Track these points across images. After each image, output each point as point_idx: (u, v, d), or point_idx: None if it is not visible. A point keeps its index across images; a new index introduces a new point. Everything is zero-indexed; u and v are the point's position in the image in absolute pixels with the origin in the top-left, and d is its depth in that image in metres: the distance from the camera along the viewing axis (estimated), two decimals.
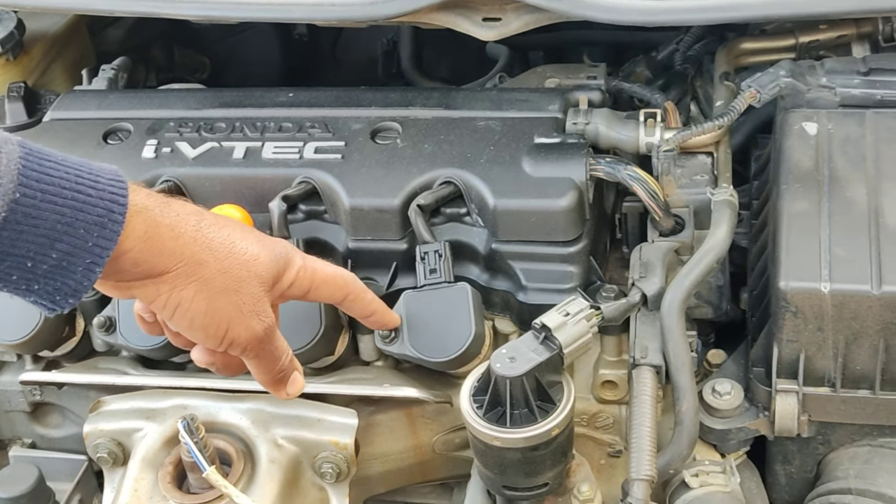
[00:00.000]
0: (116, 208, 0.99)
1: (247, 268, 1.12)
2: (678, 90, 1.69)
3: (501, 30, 1.47)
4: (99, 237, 0.97)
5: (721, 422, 1.36)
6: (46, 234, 0.95)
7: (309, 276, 1.20)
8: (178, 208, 1.08)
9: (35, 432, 1.62)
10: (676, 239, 1.42)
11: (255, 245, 1.14)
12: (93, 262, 0.98)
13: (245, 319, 1.13)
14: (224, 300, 1.10)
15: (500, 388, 1.18)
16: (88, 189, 0.97)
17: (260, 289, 1.13)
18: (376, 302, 1.31)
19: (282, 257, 1.17)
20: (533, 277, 1.39)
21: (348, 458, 1.36)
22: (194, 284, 1.08)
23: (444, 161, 1.43)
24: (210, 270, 1.08)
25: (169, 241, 1.05)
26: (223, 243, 1.10)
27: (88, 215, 0.97)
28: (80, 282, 0.99)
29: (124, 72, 1.80)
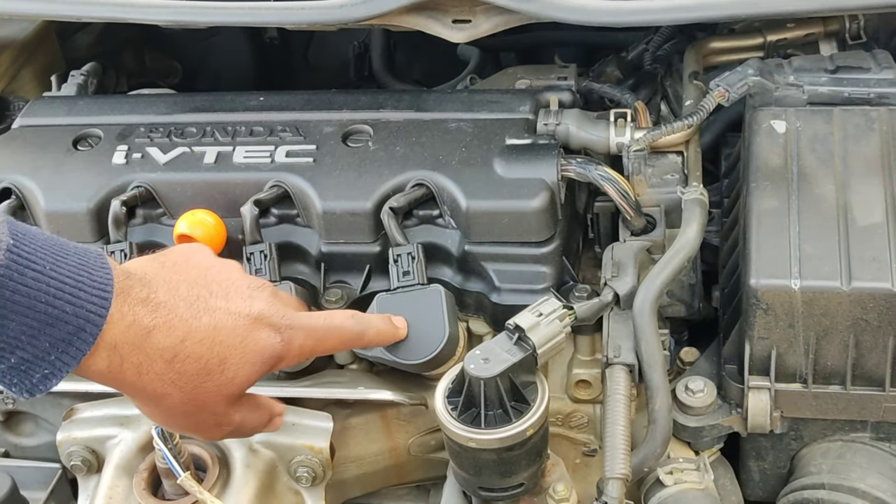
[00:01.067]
0: (89, 329, 0.96)
1: (215, 393, 1.08)
2: (648, 90, 1.70)
3: (471, 31, 1.47)
4: (63, 353, 0.95)
5: (694, 419, 1.37)
6: (8, 341, 0.93)
7: (305, 355, 1.17)
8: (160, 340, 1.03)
9: (8, 441, 1.61)
10: (648, 238, 1.43)
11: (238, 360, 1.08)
12: (51, 374, 0.96)
13: (204, 433, 1.14)
14: (183, 420, 1.11)
15: (475, 390, 1.19)
16: (65, 305, 0.95)
17: (225, 407, 1.11)
18: (380, 328, 1.27)
19: (273, 358, 1.11)
20: (506, 278, 1.39)
21: (324, 461, 1.36)
22: (153, 408, 1.09)
23: (416, 163, 1.43)
24: (172, 401, 1.06)
25: (131, 377, 1.02)
26: (196, 372, 1.06)
27: (57, 331, 0.95)
28: (36, 385, 0.97)
29: (94, 77, 1.80)
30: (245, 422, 1.16)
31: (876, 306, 1.24)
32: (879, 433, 1.34)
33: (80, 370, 0.99)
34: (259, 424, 1.19)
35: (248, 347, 1.09)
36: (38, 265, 0.95)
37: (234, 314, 1.09)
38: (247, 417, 1.16)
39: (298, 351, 1.14)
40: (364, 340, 1.24)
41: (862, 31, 1.61)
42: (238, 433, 1.18)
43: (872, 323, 1.25)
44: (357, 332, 1.23)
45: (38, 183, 1.48)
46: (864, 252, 1.26)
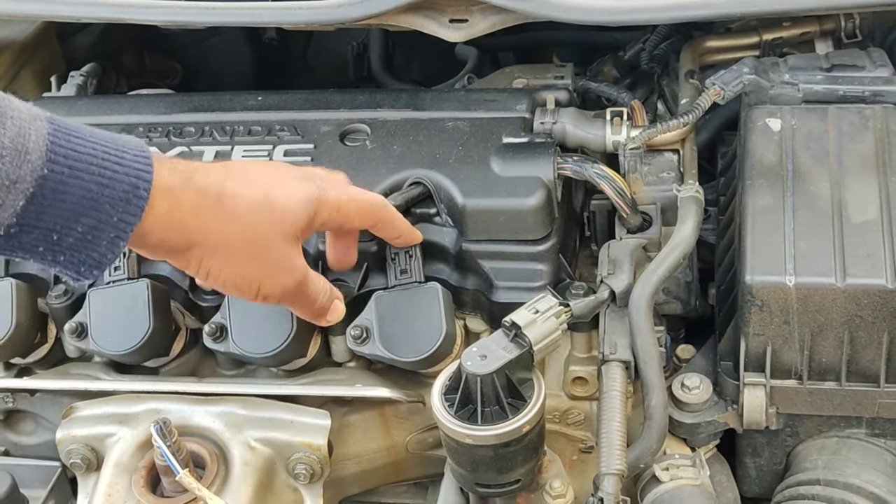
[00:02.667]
0: (141, 184, 1.00)
1: (272, 227, 1.14)
2: (645, 89, 1.70)
3: (468, 31, 1.48)
4: (124, 212, 0.99)
5: (690, 416, 1.37)
6: (72, 208, 0.96)
7: (342, 214, 1.22)
8: (201, 180, 1.09)
9: (8, 440, 1.61)
10: (644, 236, 1.44)
11: (283, 196, 1.15)
12: (117, 237, 1.00)
13: (274, 277, 1.17)
14: (251, 266, 1.14)
15: (471, 386, 1.19)
16: (114, 165, 0.99)
17: (287, 245, 1.15)
18: (403, 223, 1.33)
19: (312, 201, 1.17)
20: (503, 276, 1.40)
21: (322, 459, 1.36)
22: (219, 255, 1.11)
23: (414, 162, 1.43)
24: (233, 241, 1.11)
25: (190, 219, 1.07)
26: (247, 208, 1.11)
27: (114, 191, 0.98)
28: (105, 254, 1.00)
29: (93, 78, 1.80)
30: (311, 276, 1.21)
31: (870, 303, 1.25)
32: (874, 429, 1.35)
33: (143, 226, 1.02)
34: (324, 287, 1.24)
35: (288, 188, 1.15)
36: (79, 133, 0.99)
37: (267, 166, 1.19)
38: (311, 274, 1.21)
39: (335, 202, 1.20)
40: (388, 220, 1.29)
41: (857, 30, 1.61)
42: (307, 292, 1.22)
43: (867, 319, 1.26)
44: (385, 211, 1.28)
45: None
46: (858, 249, 1.27)
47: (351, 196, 1.24)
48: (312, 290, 1.23)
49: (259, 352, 1.37)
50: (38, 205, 0.94)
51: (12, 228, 0.94)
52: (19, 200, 0.93)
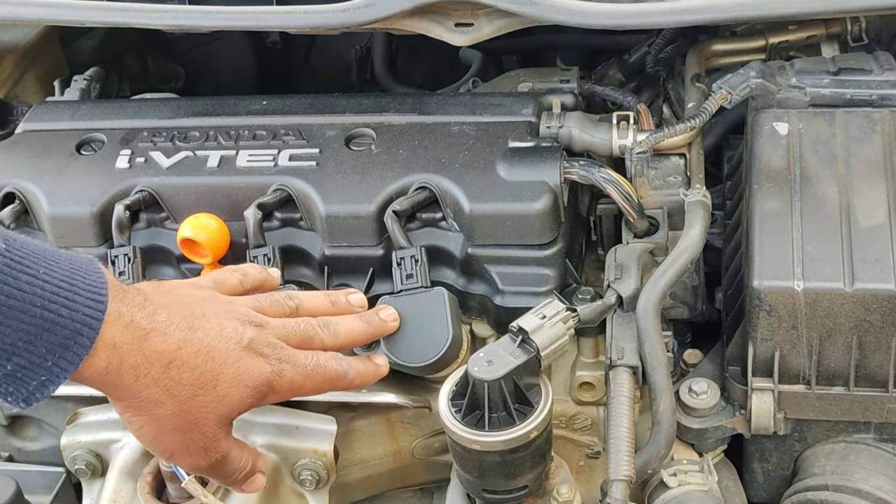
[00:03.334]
0: (86, 332, 0.97)
1: (207, 409, 1.09)
2: (650, 92, 1.70)
3: (474, 35, 1.47)
4: (60, 358, 0.95)
5: (698, 421, 1.37)
6: (5, 347, 0.93)
7: (293, 392, 1.18)
8: (157, 343, 1.04)
9: (12, 445, 1.61)
10: (651, 240, 1.43)
11: (231, 377, 1.10)
12: (48, 381, 0.96)
13: (190, 456, 1.13)
14: (172, 437, 1.10)
15: (478, 392, 1.19)
16: (61, 308, 0.95)
17: (216, 427, 1.12)
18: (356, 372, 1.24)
19: (262, 387, 1.13)
20: (509, 281, 1.39)
21: (328, 464, 1.36)
22: (145, 418, 1.08)
23: (419, 166, 1.43)
24: (164, 411, 1.07)
25: (128, 380, 1.03)
26: (192, 384, 1.07)
27: (54, 336, 0.95)
28: (33, 393, 0.97)
29: (97, 82, 1.80)
30: (231, 456, 1.16)
31: (879, 307, 1.24)
32: (883, 434, 1.34)
33: (78, 374, 0.99)
34: (243, 466, 1.19)
35: (240, 369, 1.10)
36: (31, 269, 0.95)
37: (227, 338, 1.10)
38: (233, 452, 1.16)
39: (289, 385, 1.15)
40: (345, 381, 1.23)
41: (864, 33, 1.61)
42: (221, 469, 1.17)
43: (875, 324, 1.25)
44: (339, 372, 1.21)
45: (41, 187, 1.48)
46: (866, 253, 1.26)
47: (306, 374, 1.17)
48: (229, 469, 1.18)
49: None
50: None
51: None
52: None
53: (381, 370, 1.28)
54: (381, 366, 1.28)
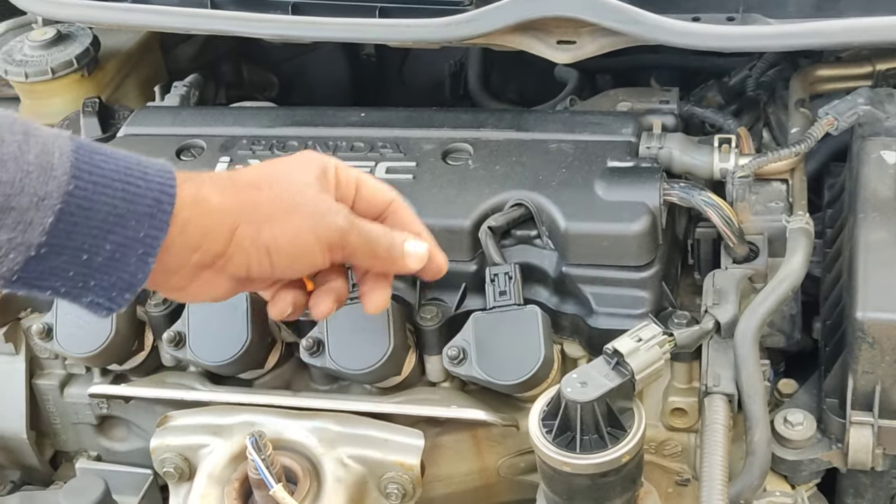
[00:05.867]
0: (165, 198, 1.00)
1: (291, 183, 1.11)
2: (751, 116, 1.67)
3: (576, 53, 1.46)
4: (150, 227, 0.98)
5: (793, 452, 1.34)
6: (100, 225, 0.96)
7: (352, 176, 1.17)
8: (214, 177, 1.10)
9: (101, 445, 1.63)
10: (750, 266, 1.41)
11: (284, 169, 1.13)
12: (145, 253, 0.99)
13: (324, 224, 1.10)
14: (296, 221, 1.09)
15: (571, 413, 1.18)
16: (138, 181, 0.98)
17: (316, 190, 1.11)
18: (422, 226, 1.22)
19: (313, 164, 1.14)
20: (604, 302, 1.37)
21: (414, 479, 1.35)
22: (265, 225, 1.07)
23: (516, 183, 1.42)
24: (266, 207, 1.08)
25: (217, 201, 1.05)
26: (261, 176, 1.10)
27: (139, 206, 0.98)
28: (135, 274, 0.99)
29: (196, 89, 1.82)
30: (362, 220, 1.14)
31: None
32: None
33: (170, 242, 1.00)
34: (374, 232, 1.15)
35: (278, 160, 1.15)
36: (101, 151, 0.99)
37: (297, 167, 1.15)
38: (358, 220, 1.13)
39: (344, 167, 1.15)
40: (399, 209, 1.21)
41: None
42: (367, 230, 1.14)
43: None
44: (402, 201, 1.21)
45: None
46: None
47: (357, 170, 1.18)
48: (369, 230, 1.14)
49: (355, 368, 1.37)
50: (66, 222, 0.94)
51: (42, 249, 0.94)
52: (48, 217, 0.92)
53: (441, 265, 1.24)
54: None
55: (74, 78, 1.77)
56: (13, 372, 1.60)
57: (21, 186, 0.91)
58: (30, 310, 1.59)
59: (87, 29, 1.79)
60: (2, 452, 1.62)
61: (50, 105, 1.78)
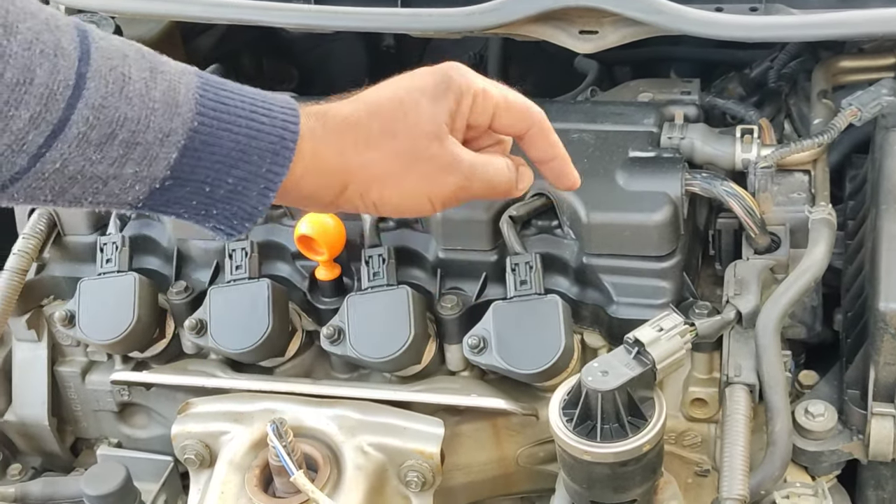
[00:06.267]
0: (288, 135, 1.00)
1: (412, 137, 1.06)
2: (772, 108, 1.67)
3: (598, 43, 1.46)
4: (272, 163, 0.99)
5: (814, 444, 1.34)
6: (223, 160, 0.97)
7: (490, 103, 1.11)
8: (337, 114, 1.05)
9: (121, 432, 1.64)
10: (772, 257, 1.41)
11: (413, 100, 1.07)
12: (266, 188, 1.00)
13: (439, 184, 1.09)
14: (410, 182, 1.08)
15: (592, 402, 1.18)
16: (262, 118, 0.99)
17: (434, 146, 1.07)
18: (560, 148, 1.18)
19: (447, 91, 1.08)
20: (624, 292, 1.37)
21: (434, 467, 1.36)
22: (374, 185, 1.07)
23: (537, 173, 1.42)
24: (380, 165, 1.07)
25: (335, 158, 1.04)
26: (382, 131, 1.06)
27: (262, 142, 0.98)
28: (255, 206, 1.00)
29: None
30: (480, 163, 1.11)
31: None
32: None
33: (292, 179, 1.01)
34: (503, 167, 1.13)
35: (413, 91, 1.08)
36: (227, 87, 0.99)
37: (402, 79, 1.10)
38: (481, 159, 1.11)
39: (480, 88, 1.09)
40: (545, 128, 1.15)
41: None
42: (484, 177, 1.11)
43: None
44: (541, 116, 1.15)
45: None
46: None
47: (502, 93, 1.12)
48: (490, 173, 1.12)
49: (376, 356, 1.37)
50: (191, 157, 0.95)
51: (167, 182, 0.95)
52: (172, 153, 0.94)
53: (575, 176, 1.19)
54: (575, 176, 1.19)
55: None
56: (35, 359, 1.61)
57: (147, 123, 0.92)
58: (52, 297, 1.61)
59: (109, 18, 1.79)
60: (23, 439, 1.63)
61: None
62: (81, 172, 0.92)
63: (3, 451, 1.63)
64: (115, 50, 0.92)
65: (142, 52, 0.95)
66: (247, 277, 1.43)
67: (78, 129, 0.89)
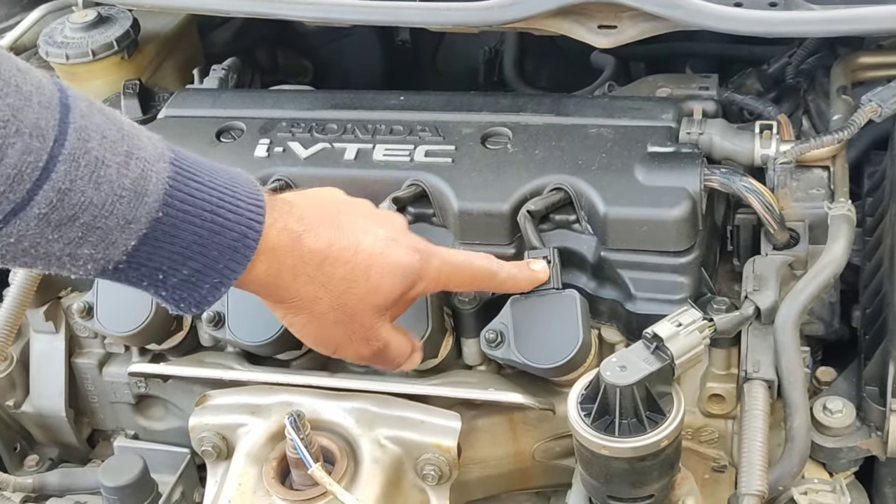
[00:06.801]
0: (251, 234, 1.01)
1: (363, 301, 1.14)
2: (790, 104, 1.66)
3: (616, 37, 1.46)
4: (230, 260, 1.00)
5: (832, 440, 1.33)
6: (181, 251, 0.97)
7: (441, 283, 1.22)
8: (309, 243, 1.09)
9: (138, 424, 1.64)
10: (791, 253, 1.40)
11: (381, 266, 1.14)
12: (220, 282, 1.01)
13: (353, 345, 1.18)
14: (333, 330, 1.15)
15: (610, 397, 1.17)
16: (228, 213, 1.00)
17: (374, 318, 1.16)
18: (510, 277, 1.28)
19: (411, 275, 1.17)
20: (642, 287, 1.37)
21: (451, 461, 1.36)
22: (306, 315, 1.13)
23: (555, 167, 1.42)
24: (323, 306, 1.12)
25: (287, 280, 1.08)
26: (343, 279, 1.12)
27: (224, 238, 0.99)
28: (205, 297, 1.02)
29: (234, 72, 1.82)
30: (391, 343, 1.20)
31: None
32: None
33: (244, 278, 1.03)
34: (403, 351, 1.24)
35: (389, 258, 1.15)
36: (198, 177, 0.99)
37: (374, 233, 1.15)
38: (393, 339, 1.20)
39: (436, 274, 1.19)
40: (496, 281, 1.27)
41: None
42: (385, 356, 1.22)
43: None
44: (490, 270, 1.26)
45: None
46: None
47: (454, 264, 1.23)
48: (391, 356, 1.24)
49: None
50: (150, 245, 0.96)
51: (121, 265, 0.96)
52: (131, 241, 0.94)
53: (537, 276, 1.30)
54: (539, 272, 1.30)
55: (114, 60, 1.78)
56: (52, 350, 1.61)
57: (111, 209, 0.92)
58: (70, 288, 1.61)
59: (127, 11, 1.80)
60: (41, 430, 1.64)
61: (90, 87, 1.78)
62: (35, 248, 0.91)
63: (21, 441, 1.64)
64: (94, 130, 0.91)
65: (122, 132, 0.94)
66: None
67: (39, 210, 0.89)
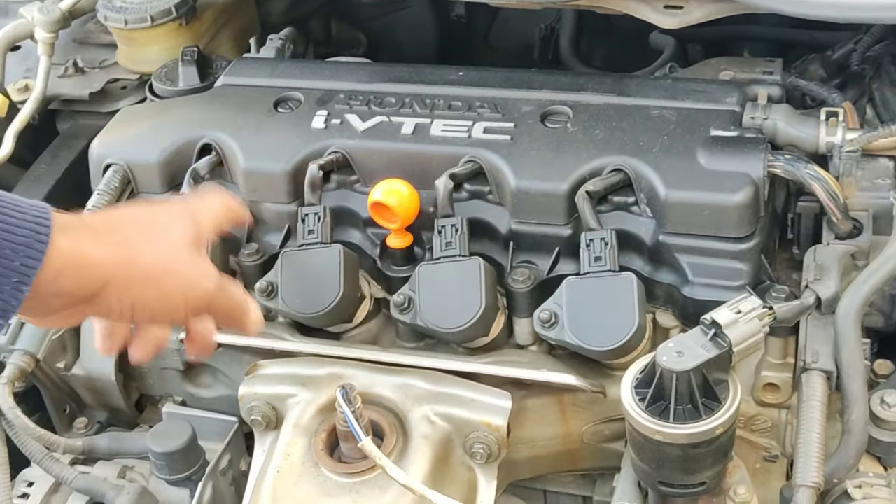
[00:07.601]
0: (41, 229, 1.02)
1: (171, 245, 1.15)
2: (855, 91, 1.63)
3: (682, 18, 1.44)
4: (26, 256, 1.00)
5: (888, 434, 1.31)
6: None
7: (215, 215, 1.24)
8: (93, 219, 1.16)
9: (186, 391, 1.64)
10: (853, 243, 1.38)
11: (167, 218, 1.18)
12: (20, 282, 1.00)
13: (195, 286, 1.17)
14: (170, 284, 1.14)
15: (666, 383, 1.16)
16: (13, 213, 1.01)
17: (191, 253, 1.17)
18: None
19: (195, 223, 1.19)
20: (700, 272, 1.36)
21: (500, 439, 1.35)
22: (136, 284, 1.11)
23: (615, 148, 1.40)
24: (141, 266, 1.11)
25: (95, 252, 1.07)
26: (142, 235, 1.13)
27: (14, 236, 1.00)
28: (8, 301, 1.01)
29: (291, 42, 1.82)
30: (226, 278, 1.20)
31: None
32: None
33: (48, 273, 1.02)
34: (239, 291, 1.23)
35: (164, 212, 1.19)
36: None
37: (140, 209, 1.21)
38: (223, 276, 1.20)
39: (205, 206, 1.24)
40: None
41: None
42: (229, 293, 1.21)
43: None
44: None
45: (238, 141, 1.50)
46: None
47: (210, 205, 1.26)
48: (234, 290, 1.23)
49: (445, 326, 1.37)
50: None
51: None
52: None
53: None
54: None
55: (172, 26, 1.78)
56: None
57: None
58: None
59: None
60: (90, 393, 1.64)
61: (146, 52, 1.79)
62: None
63: (70, 404, 1.65)
64: None
65: None
66: (319, 242, 1.43)
67: None
